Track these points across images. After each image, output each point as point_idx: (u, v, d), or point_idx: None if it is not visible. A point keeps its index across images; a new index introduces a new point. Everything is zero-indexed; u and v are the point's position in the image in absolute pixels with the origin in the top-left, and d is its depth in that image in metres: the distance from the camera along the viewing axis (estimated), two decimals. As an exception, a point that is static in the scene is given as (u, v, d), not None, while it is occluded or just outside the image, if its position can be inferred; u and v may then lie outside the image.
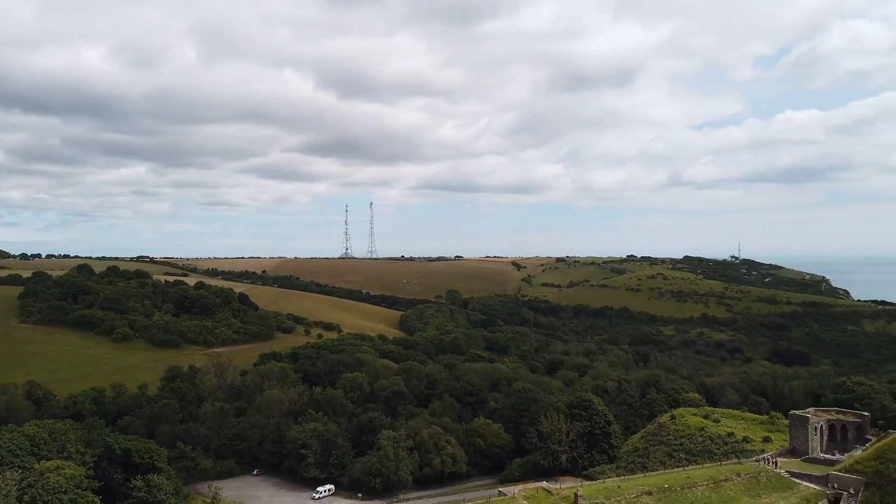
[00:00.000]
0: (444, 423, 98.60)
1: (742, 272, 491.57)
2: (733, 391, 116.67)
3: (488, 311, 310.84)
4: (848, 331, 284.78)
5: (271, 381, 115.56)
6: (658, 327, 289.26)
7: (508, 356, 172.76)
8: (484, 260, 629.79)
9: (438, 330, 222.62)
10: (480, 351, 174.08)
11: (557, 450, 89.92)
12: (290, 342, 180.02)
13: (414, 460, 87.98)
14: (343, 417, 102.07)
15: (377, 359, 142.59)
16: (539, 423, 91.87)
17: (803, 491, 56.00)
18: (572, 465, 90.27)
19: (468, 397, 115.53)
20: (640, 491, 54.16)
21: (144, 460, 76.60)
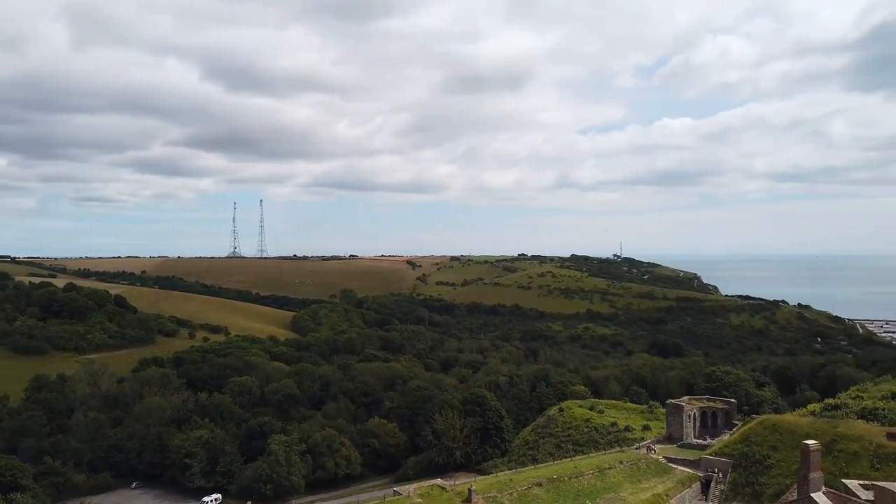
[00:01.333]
0: (338, 425, 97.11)
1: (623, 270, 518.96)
2: (616, 383, 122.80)
3: (384, 310, 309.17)
4: (717, 324, 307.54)
5: (152, 388, 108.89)
6: (547, 323, 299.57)
7: (404, 355, 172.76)
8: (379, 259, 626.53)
9: (333, 330, 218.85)
10: (376, 350, 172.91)
11: (452, 446, 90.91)
12: (174, 346, 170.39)
13: (307, 464, 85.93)
14: (231, 423, 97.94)
15: (268, 361, 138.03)
16: (434, 421, 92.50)
17: (679, 475, 59.80)
18: (466, 460, 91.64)
19: (363, 398, 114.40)
20: (530, 483, 55.68)
21: (6, 478, 69.87)
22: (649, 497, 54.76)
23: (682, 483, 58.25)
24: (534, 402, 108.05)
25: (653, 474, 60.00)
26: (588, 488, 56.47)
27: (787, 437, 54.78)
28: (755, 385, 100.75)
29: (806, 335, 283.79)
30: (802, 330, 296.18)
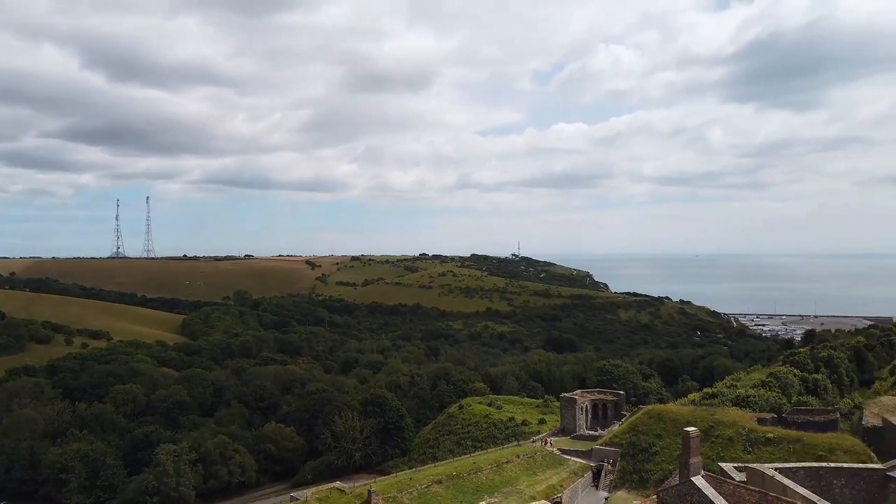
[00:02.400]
0: (231, 432, 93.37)
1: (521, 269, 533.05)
2: (514, 379, 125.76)
3: (281, 311, 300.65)
4: (607, 320, 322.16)
5: (22, 400, 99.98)
6: (448, 322, 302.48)
7: (302, 357, 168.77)
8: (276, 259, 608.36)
9: (226, 333, 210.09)
10: (273, 353, 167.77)
11: (351, 448, 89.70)
12: (48, 354, 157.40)
13: (198, 473, 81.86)
14: (114, 434, 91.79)
15: (155, 367, 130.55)
16: (333, 423, 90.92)
17: (572, 465, 62.05)
18: (366, 461, 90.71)
19: (259, 402, 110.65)
20: (430, 481, 55.90)
21: None
22: (544, 488, 56.39)
23: (576, 473, 60.49)
24: (434, 401, 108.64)
25: (548, 466, 61.91)
26: (486, 483, 57.43)
27: (670, 426, 58.13)
28: (642, 377, 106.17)
29: (687, 329, 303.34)
30: (684, 324, 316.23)
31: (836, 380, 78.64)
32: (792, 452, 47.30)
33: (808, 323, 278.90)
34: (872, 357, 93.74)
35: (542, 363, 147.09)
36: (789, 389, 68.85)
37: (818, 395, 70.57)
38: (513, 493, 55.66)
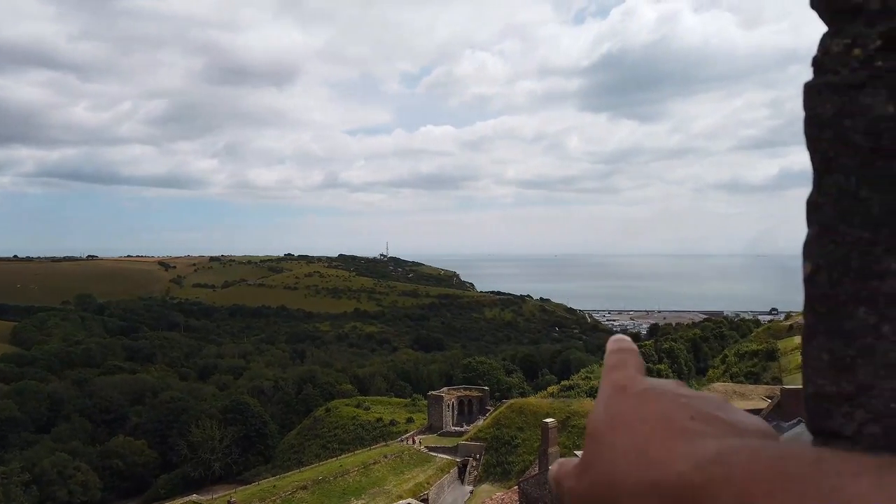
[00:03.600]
0: (72, 448, 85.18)
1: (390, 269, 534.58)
2: (382, 379, 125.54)
3: (130, 316, 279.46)
4: (473, 318, 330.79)
5: None
6: (315, 324, 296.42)
7: (154, 364, 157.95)
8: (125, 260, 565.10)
9: (66, 341, 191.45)
10: (120, 361, 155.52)
11: (210, 458, 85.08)
12: None
13: (32, 496, 73.86)
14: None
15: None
16: (190, 433, 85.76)
17: (439, 462, 62.89)
18: (227, 471, 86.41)
19: (104, 415, 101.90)
20: (295, 487, 54.32)
21: None
22: (412, 487, 56.67)
23: (442, 469, 61.37)
24: (300, 405, 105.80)
25: (415, 464, 62.31)
26: (353, 485, 56.75)
27: (531, 418, 60.63)
28: (505, 373, 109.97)
29: (547, 325, 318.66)
30: (544, 321, 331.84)
31: (676, 369, 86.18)
32: (639, 437, 50.98)
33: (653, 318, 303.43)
34: (707, 348, 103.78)
35: (410, 362, 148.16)
36: (637, 379, 74.36)
37: (661, 384, 76.79)
38: (380, 493, 55.43)
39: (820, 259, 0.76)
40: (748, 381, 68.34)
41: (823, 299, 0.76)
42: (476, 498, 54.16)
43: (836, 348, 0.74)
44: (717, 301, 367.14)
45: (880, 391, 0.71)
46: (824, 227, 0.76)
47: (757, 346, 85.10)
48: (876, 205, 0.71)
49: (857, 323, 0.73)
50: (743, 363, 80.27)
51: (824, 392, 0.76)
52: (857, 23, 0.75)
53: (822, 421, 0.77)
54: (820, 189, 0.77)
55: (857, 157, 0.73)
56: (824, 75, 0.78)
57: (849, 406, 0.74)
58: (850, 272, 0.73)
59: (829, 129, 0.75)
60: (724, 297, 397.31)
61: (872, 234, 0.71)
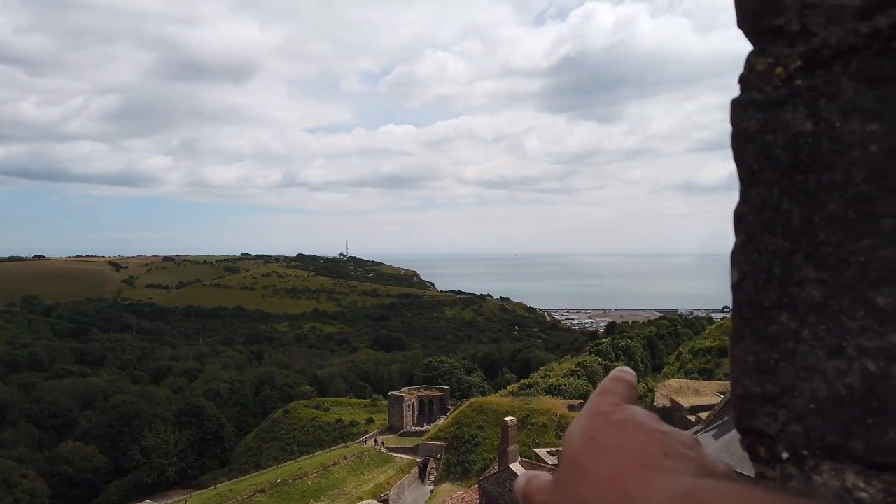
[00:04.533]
0: (18, 455, 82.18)
1: (350, 269, 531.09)
2: (342, 380, 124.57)
3: (80, 318, 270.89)
4: (433, 317, 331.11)
5: None
6: (273, 324, 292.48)
7: (105, 368, 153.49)
8: (74, 260, 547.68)
9: (11, 344, 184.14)
10: (69, 365, 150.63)
11: (164, 463, 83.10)
12: None
13: (-27, 507, 71.00)
14: None
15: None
16: (143, 438, 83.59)
17: (399, 462, 62.69)
18: (182, 476, 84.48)
19: (52, 420, 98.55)
20: (253, 490, 53.48)
21: None
22: (372, 488, 56.36)
23: (402, 470, 61.18)
24: (258, 407, 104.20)
25: (375, 465, 61.99)
26: (313, 488, 56.14)
27: (491, 417, 60.92)
28: (465, 372, 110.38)
29: (506, 324, 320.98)
30: (504, 320, 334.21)
31: (633, 366, 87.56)
32: (597, 434, 51.74)
33: (610, 316, 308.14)
34: (662, 345, 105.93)
35: (370, 363, 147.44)
36: (595, 377, 75.55)
37: (618, 381, 78.18)
38: (339, 495, 54.97)
39: (745, 267, 0.81)
40: (702, 377, 70.03)
41: (749, 305, 0.80)
42: (436, 497, 54.16)
43: (760, 351, 0.79)
44: (671, 299, 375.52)
45: (801, 392, 0.76)
46: (749, 237, 0.81)
47: (710, 343, 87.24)
48: (796, 216, 0.75)
49: (780, 328, 0.77)
50: (697, 360, 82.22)
51: (750, 393, 0.82)
52: (779, 43, 0.80)
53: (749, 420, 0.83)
54: (745, 200, 0.82)
55: (779, 170, 0.77)
56: (749, 92, 0.84)
57: (772, 406, 0.79)
58: (773, 279, 0.78)
59: (754, 143, 0.81)
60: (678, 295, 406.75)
61: (793, 244, 0.76)
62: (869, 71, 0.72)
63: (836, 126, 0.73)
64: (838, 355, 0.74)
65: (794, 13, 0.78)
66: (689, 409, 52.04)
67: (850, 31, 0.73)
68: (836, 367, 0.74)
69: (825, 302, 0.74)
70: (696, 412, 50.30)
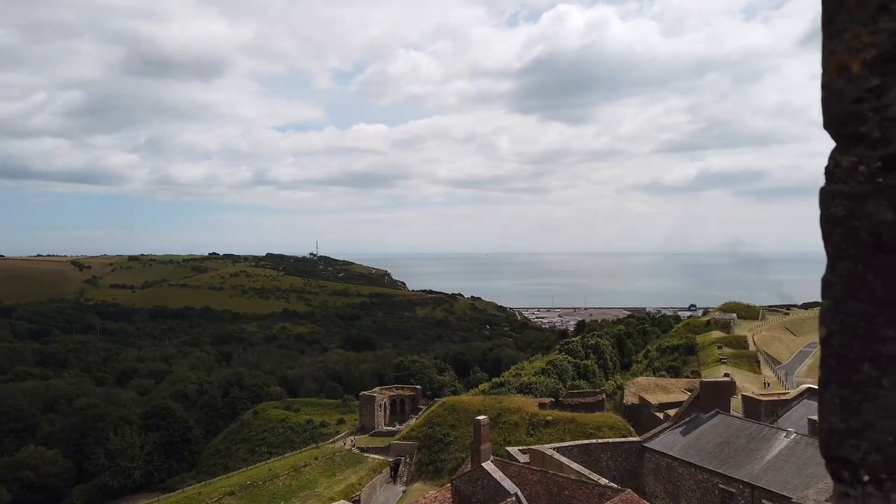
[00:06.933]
0: (-24, 461, 79.93)
1: (320, 268, 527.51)
2: (312, 380, 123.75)
3: (41, 319, 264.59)
4: (405, 317, 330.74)
5: None
6: (241, 325, 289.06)
7: (68, 370, 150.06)
8: (35, 259, 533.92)
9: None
10: (30, 367, 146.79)
11: (130, 466, 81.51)
12: None
13: (-71, 515, 68.84)
14: None
15: None
16: (108, 441, 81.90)
17: (371, 462, 62.51)
18: (148, 479, 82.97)
19: (13, 424, 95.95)
20: (222, 493, 52.80)
21: None
22: (343, 488, 56.11)
23: (374, 470, 61.02)
24: (226, 409, 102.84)
25: (347, 465, 61.69)
26: (283, 489, 55.64)
27: (463, 416, 61.12)
28: (437, 371, 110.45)
29: (477, 323, 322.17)
30: (475, 319, 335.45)
31: (602, 364, 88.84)
32: (567, 432, 52.34)
33: (580, 314, 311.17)
34: (630, 343, 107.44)
35: (341, 363, 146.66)
36: (565, 375, 76.32)
37: (588, 379, 79.11)
38: (311, 496, 54.59)
39: (833, 325, 1.03)
40: (669, 374, 71.29)
41: (836, 357, 1.02)
42: (409, 497, 54.17)
43: (845, 395, 1.01)
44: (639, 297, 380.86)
45: (881, 428, 0.99)
46: (836, 302, 1.03)
47: (677, 342, 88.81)
48: (879, 287, 0.99)
49: (863, 376, 1.01)
50: (664, 357, 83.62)
51: (836, 427, 1.03)
52: (861, 146, 1.04)
53: (835, 450, 1.03)
54: (833, 271, 1.05)
55: (864, 249, 1.01)
56: (836, 184, 1.07)
57: (855, 439, 1.01)
58: (857, 337, 1.00)
59: (841, 226, 1.04)
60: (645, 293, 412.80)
61: (876, 309, 0.99)
62: None
63: None
64: None
65: (876, 124, 1.02)
66: (657, 406, 52.98)
67: None
68: None
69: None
70: (664, 409, 51.24)
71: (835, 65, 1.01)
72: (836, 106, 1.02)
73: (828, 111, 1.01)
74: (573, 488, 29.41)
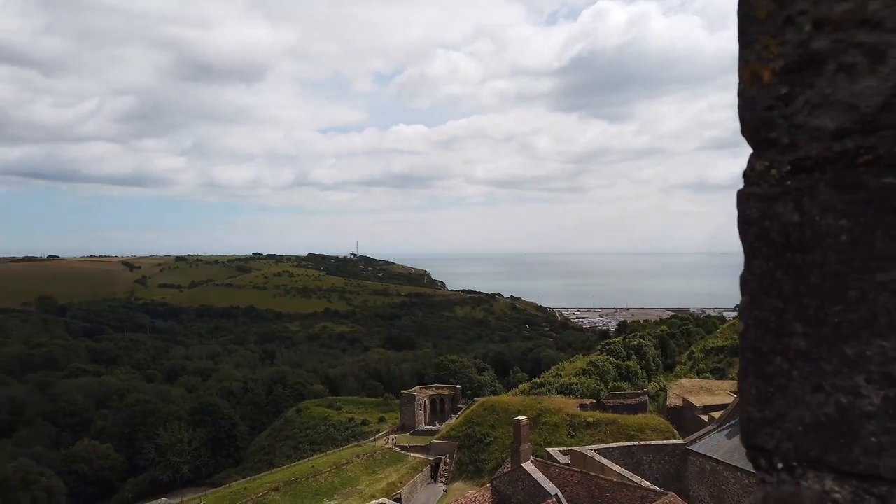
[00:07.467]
0: (35, 453, 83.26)
1: (360, 268, 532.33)
2: (353, 379, 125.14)
3: (94, 317, 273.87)
4: (444, 316, 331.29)
5: None
6: (284, 324, 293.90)
7: (120, 367, 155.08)
8: (88, 260, 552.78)
9: (26, 344, 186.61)
10: (84, 364, 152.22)
11: (179, 461, 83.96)
12: None
13: (-8, 504, 72.10)
14: None
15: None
16: (157, 436, 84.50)
17: (411, 461, 63.00)
18: (196, 474, 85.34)
19: (68, 418, 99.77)
20: (266, 489, 53.94)
21: None
22: (384, 486, 56.70)
23: (415, 469, 61.49)
24: (270, 406, 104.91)
25: (388, 464, 62.32)
26: (326, 486, 56.55)
27: (502, 416, 61.08)
28: (477, 371, 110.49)
29: (517, 323, 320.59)
30: (515, 319, 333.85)
31: (644, 365, 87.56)
32: (609, 433, 51.83)
33: (621, 315, 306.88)
34: (674, 344, 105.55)
35: (381, 362, 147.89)
36: (606, 376, 75.49)
37: (630, 381, 78.09)
38: (353, 493, 55.33)
39: (749, 320, 1.12)
40: (714, 376, 69.82)
41: (752, 350, 1.11)
42: (449, 496, 54.44)
43: (760, 386, 1.09)
44: (682, 298, 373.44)
45: (791, 418, 1.06)
46: (752, 298, 1.12)
47: (722, 343, 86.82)
48: (787, 284, 1.07)
49: (775, 368, 1.08)
50: (709, 359, 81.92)
51: (753, 417, 1.11)
52: (772, 150, 1.11)
53: (753, 438, 1.11)
54: (749, 269, 1.14)
55: (774, 249, 1.08)
56: (751, 186, 1.15)
57: (770, 428, 1.09)
58: (769, 331, 1.08)
59: (755, 226, 1.11)
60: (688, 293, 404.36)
61: (784, 305, 1.07)
62: (839, 179, 1.02)
63: (816, 219, 1.02)
64: (819, 391, 1.03)
65: (784, 130, 1.08)
66: (701, 408, 51.97)
67: (826, 148, 1.05)
68: (817, 400, 1.03)
69: (809, 350, 1.04)
70: (709, 412, 50.23)
71: (748, 74, 1.07)
72: (750, 113, 1.08)
73: (743, 118, 1.08)
74: (615, 490, 29.17)
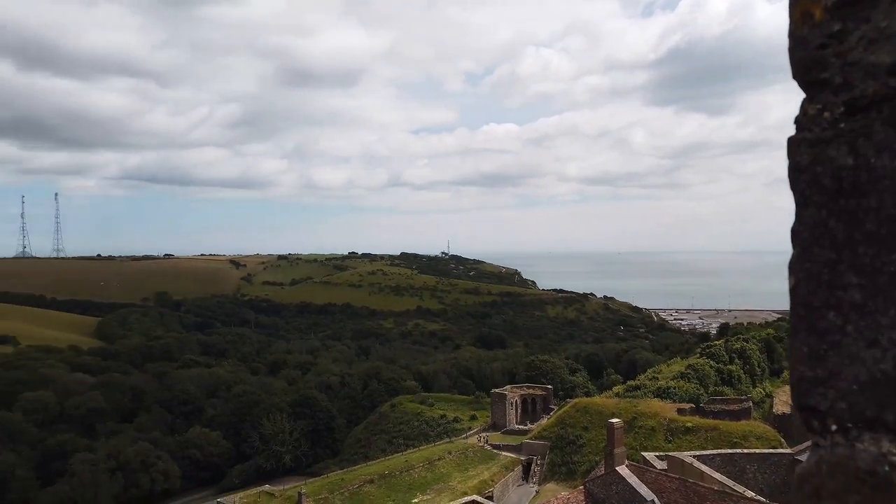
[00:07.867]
0: (153, 438, 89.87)
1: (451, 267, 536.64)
2: (445, 376, 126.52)
3: (204, 312, 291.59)
4: (535, 316, 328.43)
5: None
6: (378, 321, 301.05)
7: (227, 359, 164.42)
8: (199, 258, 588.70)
9: (145, 336, 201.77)
10: (196, 356, 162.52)
11: (281, 451, 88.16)
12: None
13: (117, 482, 78.39)
14: (24, 445, 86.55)
15: (68, 373, 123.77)
16: (261, 426, 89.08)
17: (503, 460, 63.11)
18: (297, 464, 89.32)
19: (182, 406, 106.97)
20: (362, 480, 55.65)
21: None
22: (476, 484, 57.12)
23: (506, 467, 61.57)
24: (366, 400, 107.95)
25: (479, 461, 62.73)
26: (419, 480, 57.66)
27: (596, 418, 60.03)
28: (569, 371, 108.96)
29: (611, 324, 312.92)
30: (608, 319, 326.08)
31: (748, 370, 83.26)
32: (709, 440, 49.81)
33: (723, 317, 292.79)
34: (781, 348, 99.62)
35: (472, 360, 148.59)
36: (706, 380, 72.42)
37: (732, 386, 74.56)
38: (445, 489, 56.11)
39: (800, 274, 1.05)
40: (826, 383, 65.52)
41: (803, 305, 1.02)
42: (541, 497, 54.16)
43: (812, 343, 1.01)
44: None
45: (846, 376, 0.98)
46: (803, 250, 1.04)
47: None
48: (840, 232, 0.99)
49: (828, 324, 1.00)
50: (820, 365, 76.85)
51: (805, 377, 1.03)
52: (825, 92, 1.04)
53: (804, 398, 1.04)
54: (800, 220, 1.06)
55: (826, 196, 1.01)
56: (802, 132, 1.09)
57: (823, 388, 1.01)
58: (822, 284, 1.01)
59: (806, 173, 1.05)
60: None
61: (838, 255, 1.00)
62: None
63: (872, 161, 0.97)
64: (875, 346, 0.96)
65: (838, 69, 1.02)
66: (811, 417, 48.95)
67: (883, 84, 0.98)
68: (872, 356, 0.96)
69: (864, 303, 0.97)
70: (820, 421, 47.22)
71: (799, 13, 1.03)
72: (801, 54, 1.03)
73: (794, 60, 1.03)
74: (715, 499, 28.07)
